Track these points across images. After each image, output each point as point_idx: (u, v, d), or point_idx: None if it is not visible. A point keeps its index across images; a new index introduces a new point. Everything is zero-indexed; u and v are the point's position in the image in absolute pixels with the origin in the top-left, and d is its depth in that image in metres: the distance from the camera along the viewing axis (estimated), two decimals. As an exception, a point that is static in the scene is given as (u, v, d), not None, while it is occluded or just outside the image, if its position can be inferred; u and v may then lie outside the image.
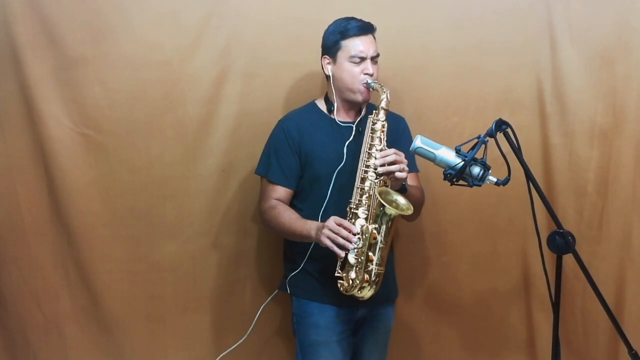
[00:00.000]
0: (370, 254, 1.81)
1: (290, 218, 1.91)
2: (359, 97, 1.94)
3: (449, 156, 1.72)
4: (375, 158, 1.85)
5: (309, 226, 1.86)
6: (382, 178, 1.85)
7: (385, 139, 1.89)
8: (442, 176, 1.75)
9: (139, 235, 2.21)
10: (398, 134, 2.06)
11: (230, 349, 2.23)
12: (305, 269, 2.00)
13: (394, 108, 2.29)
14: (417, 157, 1.77)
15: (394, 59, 2.26)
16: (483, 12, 2.30)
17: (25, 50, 1.99)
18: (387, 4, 2.25)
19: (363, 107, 2.02)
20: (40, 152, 2.08)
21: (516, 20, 2.30)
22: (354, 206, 1.86)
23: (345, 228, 1.77)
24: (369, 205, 1.85)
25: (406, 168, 1.85)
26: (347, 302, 1.94)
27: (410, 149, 1.75)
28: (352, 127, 1.98)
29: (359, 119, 2.00)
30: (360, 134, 1.95)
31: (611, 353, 2.41)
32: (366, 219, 1.84)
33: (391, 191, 1.87)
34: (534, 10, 2.29)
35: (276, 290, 2.15)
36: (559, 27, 2.29)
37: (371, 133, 1.89)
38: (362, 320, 2.05)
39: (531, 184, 1.72)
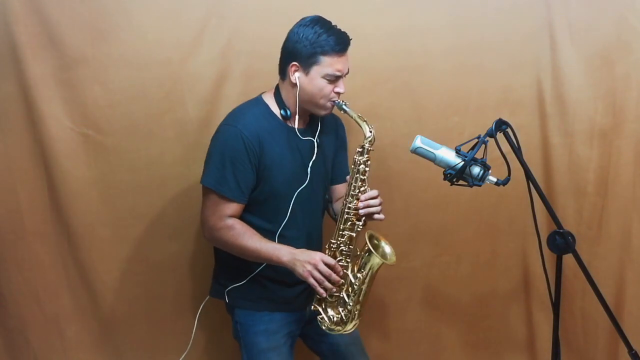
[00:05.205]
0: (359, 297, 1.83)
1: (253, 240, 1.79)
2: (322, 112, 1.86)
3: (449, 156, 1.72)
4: (357, 199, 1.82)
5: (279, 252, 1.78)
6: (364, 219, 1.84)
7: (367, 178, 1.85)
8: (442, 176, 1.75)
9: (139, 235, 2.21)
10: (338, 137, 2.05)
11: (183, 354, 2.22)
12: (252, 279, 1.91)
13: (394, 108, 2.30)
14: (417, 157, 1.77)
15: (394, 59, 2.26)
16: (483, 12, 2.29)
17: (25, 50, 1.99)
18: (387, 3, 2.24)
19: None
20: (40, 152, 2.09)
21: (516, 19, 2.30)
22: (335, 246, 1.84)
23: (335, 272, 1.76)
24: (349, 246, 1.84)
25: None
26: (296, 307, 1.95)
27: (410, 149, 1.75)
28: (313, 141, 1.90)
29: (317, 132, 1.92)
30: (319, 148, 1.90)
31: (611, 353, 2.42)
32: (347, 256, 1.84)
33: (376, 234, 1.88)
34: (534, 9, 2.29)
35: (207, 297, 2.05)
36: (558, 26, 2.29)
37: (356, 174, 1.83)
38: (313, 317, 1.96)
39: (531, 184, 1.72)
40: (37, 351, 2.21)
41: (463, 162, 1.69)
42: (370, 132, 1.83)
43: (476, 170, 1.71)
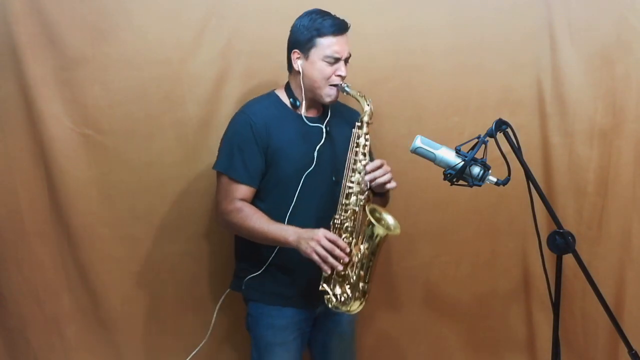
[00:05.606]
0: (362, 272, 1.81)
1: (261, 221, 1.82)
2: (326, 99, 1.88)
3: (449, 156, 1.72)
4: (360, 173, 1.82)
5: (286, 232, 1.79)
6: (367, 193, 1.84)
7: (368, 152, 1.86)
8: (442, 176, 1.75)
9: (139, 235, 2.21)
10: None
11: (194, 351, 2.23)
12: (266, 270, 1.94)
13: (394, 107, 2.30)
14: (417, 157, 1.77)
15: (393, 59, 2.27)
16: (483, 12, 2.30)
17: (25, 50, 1.99)
18: (387, 3, 2.24)
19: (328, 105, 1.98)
20: (40, 152, 2.08)
21: (516, 19, 2.30)
22: (339, 222, 1.83)
23: (338, 247, 1.74)
24: (354, 222, 1.83)
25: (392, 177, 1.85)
26: (306, 303, 1.94)
27: (410, 148, 1.75)
28: (321, 127, 1.92)
29: (326, 119, 1.94)
30: (328, 134, 1.92)
31: (611, 353, 2.42)
32: (351, 233, 1.83)
33: (378, 208, 1.87)
34: (534, 9, 2.29)
35: (227, 290, 2.08)
36: (558, 26, 2.29)
37: (355, 148, 1.84)
38: (321, 315, 2.00)
39: (531, 184, 1.72)
40: (37, 351, 2.21)
41: (463, 162, 1.69)
42: (368, 105, 1.84)
43: (476, 170, 1.70)
